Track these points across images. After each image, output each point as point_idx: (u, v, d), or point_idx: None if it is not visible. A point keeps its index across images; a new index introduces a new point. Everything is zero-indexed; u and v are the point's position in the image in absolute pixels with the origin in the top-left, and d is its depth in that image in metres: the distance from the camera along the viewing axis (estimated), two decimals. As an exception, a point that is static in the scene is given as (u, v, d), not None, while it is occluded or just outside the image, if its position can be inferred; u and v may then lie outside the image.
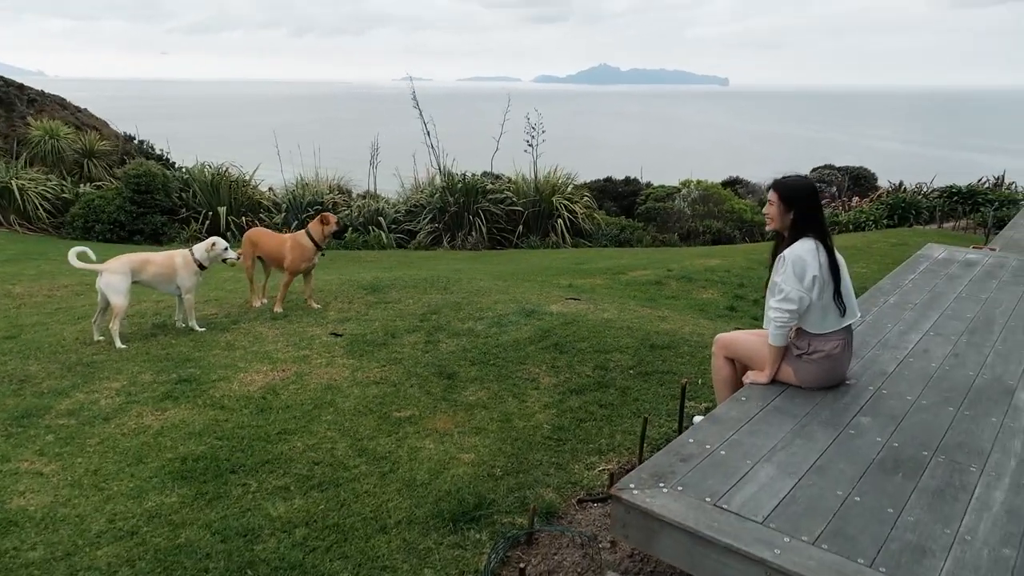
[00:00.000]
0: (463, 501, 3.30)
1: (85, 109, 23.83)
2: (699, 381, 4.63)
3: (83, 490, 3.31)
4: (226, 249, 5.54)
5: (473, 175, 15.45)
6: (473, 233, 14.29)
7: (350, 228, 13.59)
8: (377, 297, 6.67)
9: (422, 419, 4.22)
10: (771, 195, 3.41)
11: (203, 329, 5.62)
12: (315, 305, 6.31)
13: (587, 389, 4.58)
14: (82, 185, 14.92)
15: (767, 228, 3.53)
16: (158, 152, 18.30)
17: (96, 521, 3.06)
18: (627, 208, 17.46)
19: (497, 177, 16.29)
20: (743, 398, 3.47)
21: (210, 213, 14.12)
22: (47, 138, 15.87)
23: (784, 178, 3.36)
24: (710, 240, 15.24)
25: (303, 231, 6.29)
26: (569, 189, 15.66)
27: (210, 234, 13.61)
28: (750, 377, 3.61)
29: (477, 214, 14.42)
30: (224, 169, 15.04)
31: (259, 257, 6.43)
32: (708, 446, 2.99)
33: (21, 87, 24.21)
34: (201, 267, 5.54)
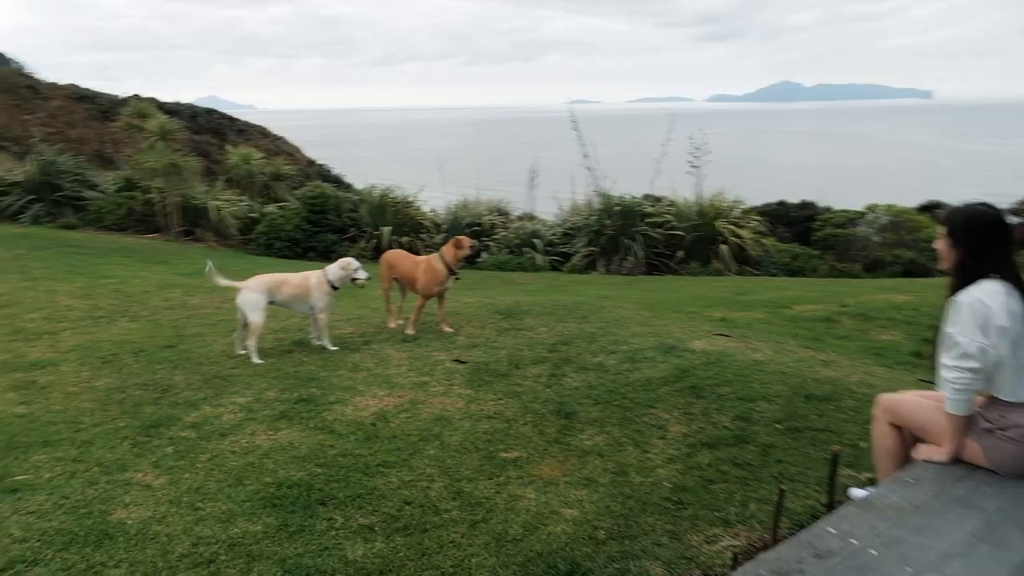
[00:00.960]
0: (554, 567, 2.91)
1: (282, 137, 26.44)
2: (862, 444, 3.89)
3: (180, 508, 3.33)
4: (357, 270, 5.59)
5: (632, 197, 15.01)
6: (629, 257, 13.87)
7: (483, 252, 13.72)
8: (511, 323, 6.45)
9: (529, 463, 3.90)
10: (939, 228, 2.85)
11: (335, 348, 5.68)
12: (447, 329, 6.19)
13: (722, 443, 4.02)
14: (267, 205, 16.30)
15: (940, 267, 2.92)
16: (335, 175, 19.70)
17: (181, 543, 3.04)
18: (802, 234, 16.06)
19: (658, 200, 15.71)
20: (910, 479, 2.79)
21: (376, 232, 14.80)
22: (242, 163, 17.61)
23: (959, 208, 2.84)
24: (899, 272, 13.58)
25: (436, 254, 6.19)
26: (736, 213, 14.74)
27: (378, 253, 14.24)
28: (923, 453, 2.94)
29: (634, 237, 13.98)
30: (390, 191, 15.78)
31: (395, 279, 6.46)
32: (855, 540, 2.36)
33: (232, 119, 27.43)
34: (333, 287, 5.61)
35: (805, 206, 17.62)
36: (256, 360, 5.36)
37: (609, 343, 5.76)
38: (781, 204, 17.73)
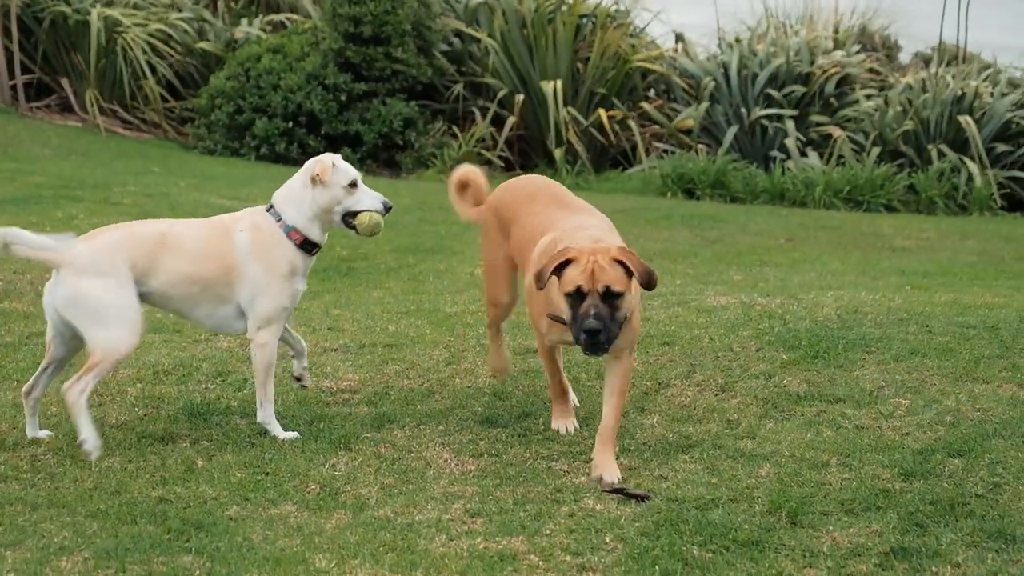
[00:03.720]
0: None
1: None
2: None
3: None
4: (354, 184, 4.34)
5: None
6: None
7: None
8: (814, 378, 5.00)
9: None
10: None
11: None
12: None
13: None
14: (243, 23, 13.71)
15: None
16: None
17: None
18: None
19: None
20: None
21: (520, 96, 12.10)
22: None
23: None
24: None
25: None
26: None
27: (517, 148, 12.43)
28: None
29: None
30: None
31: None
32: None
33: None
34: (310, 248, 4.37)
35: None
36: None
37: None
38: None
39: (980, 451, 4.19)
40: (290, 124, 12.44)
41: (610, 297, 3.56)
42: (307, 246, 4.28)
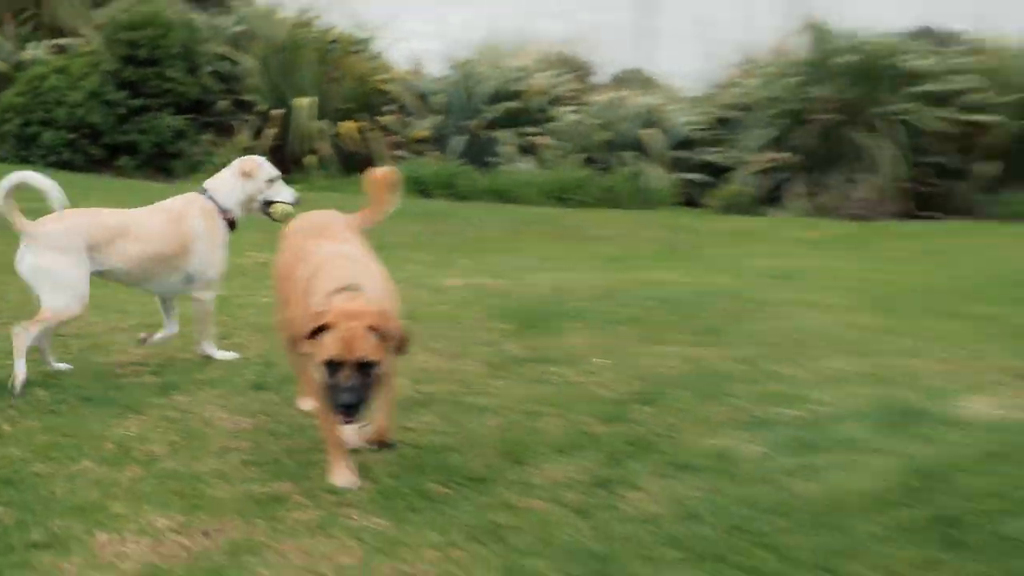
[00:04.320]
0: None
1: None
2: None
3: None
4: (274, 181, 5.41)
5: (884, 36, 13.35)
6: (867, 177, 12.41)
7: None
8: (530, 344, 5.92)
9: None
10: None
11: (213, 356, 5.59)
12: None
13: None
14: (31, 45, 14.97)
15: None
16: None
17: None
18: None
19: (944, 41, 14.04)
20: None
21: (277, 110, 13.59)
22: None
23: None
24: None
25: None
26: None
27: (276, 156, 13.65)
28: None
29: (882, 130, 12.48)
30: (311, 15, 14.04)
31: None
32: None
33: None
34: (231, 224, 5.43)
35: None
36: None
37: (757, 400, 5.13)
38: None
39: (664, 399, 5.21)
40: (74, 135, 14.23)
41: (366, 367, 3.62)
42: (232, 224, 5.38)
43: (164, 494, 3.79)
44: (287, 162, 14.38)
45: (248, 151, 13.42)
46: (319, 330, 3.64)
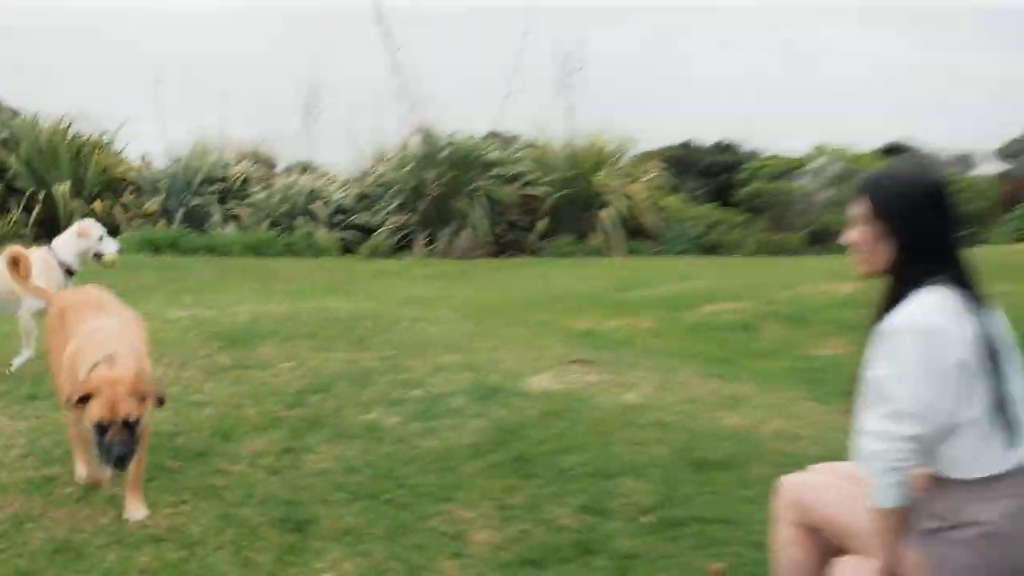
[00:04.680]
0: None
1: None
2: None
3: None
4: (102, 238, 6.08)
5: (470, 137, 15.01)
6: (466, 231, 13.89)
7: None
8: (235, 356, 6.37)
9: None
10: (856, 205, 2.76)
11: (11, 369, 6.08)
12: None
13: (554, 557, 3.75)
14: None
15: (863, 274, 2.81)
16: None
17: None
18: (720, 190, 16.65)
19: (509, 141, 15.77)
20: (826, 617, 2.65)
21: (41, 195, 14.04)
22: None
23: (886, 172, 2.88)
24: (852, 245, 14.35)
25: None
26: (625, 160, 15.02)
27: (42, 228, 13.54)
28: (846, 572, 2.76)
29: (473, 199, 14.09)
30: (68, 124, 14.80)
31: None
32: None
33: None
34: (68, 272, 6.02)
35: (724, 149, 18.22)
36: None
37: (394, 386, 5.71)
38: (689, 146, 18.23)
39: (331, 389, 5.79)
40: None
41: (130, 424, 3.65)
42: (70, 273, 6.03)
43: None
44: (54, 233, 14.56)
45: (18, 225, 14.57)
46: (86, 398, 3.67)
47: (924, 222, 2.68)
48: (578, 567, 3.72)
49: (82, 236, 6.06)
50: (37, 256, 5.77)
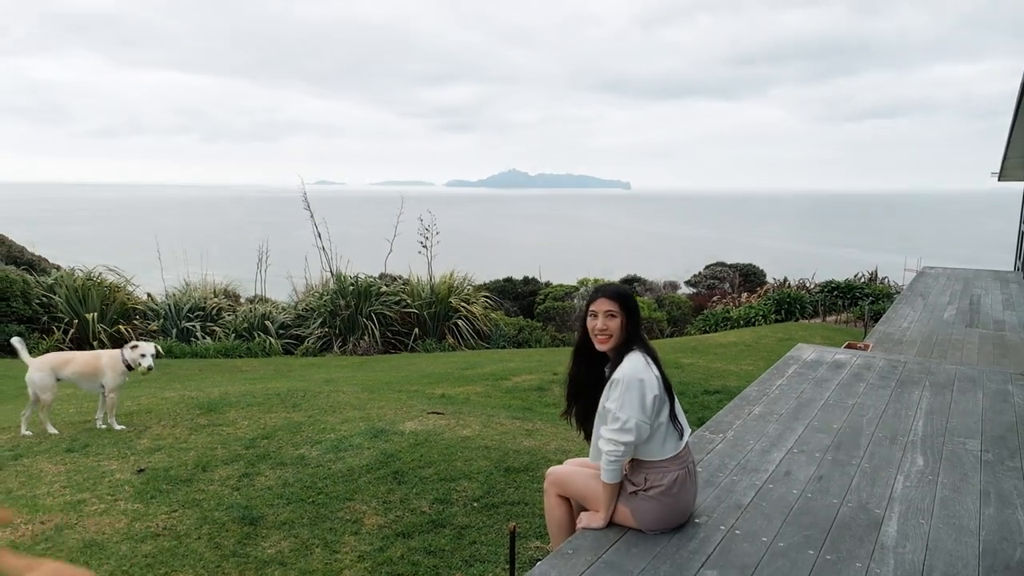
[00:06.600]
0: None
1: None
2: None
3: None
4: (144, 356, 5.68)
5: (367, 277, 14.91)
6: (366, 337, 13.61)
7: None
8: (209, 418, 5.98)
9: (194, 587, 3.30)
10: (608, 305, 2.82)
11: (121, 428, 5.67)
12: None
13: (417, 531, 3.83)
14: None
15: (602, 347, 2.90)
16: (31, 256, 16.86)
17: None
18: (527, 308, 17.08)
19: (393, 279, 15.78)
20: (569, 551, 2.79)
21: (74, 321, 12.86)
22: None
23: (619, 286, 3.00)
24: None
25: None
26: (467, 290, 15.23)
27: (77, 344, 12.53)
28: (583, 521, 2.99)
29: (370, 317, 13.82)
30: (97, 274, 13.97)
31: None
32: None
33: None
34: (128, 367, 5.71)
35: (528, 282, 18.85)
36: (51, 430, 5.52)
37: (316, 432, 5.48)
38: (508, 280, 18.79)
39: (273, 436, 5.35)
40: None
41: None
42: (128, 367, 5.65)
43: None
44: (85, 348, 13.06)
45: (58, 342, 12.80)
46: None
47: (638, 316, 2.95)
48: (434, 536, 3.79)
49: (135, 348, 5.80)
50: (114, 352, 5.75)
